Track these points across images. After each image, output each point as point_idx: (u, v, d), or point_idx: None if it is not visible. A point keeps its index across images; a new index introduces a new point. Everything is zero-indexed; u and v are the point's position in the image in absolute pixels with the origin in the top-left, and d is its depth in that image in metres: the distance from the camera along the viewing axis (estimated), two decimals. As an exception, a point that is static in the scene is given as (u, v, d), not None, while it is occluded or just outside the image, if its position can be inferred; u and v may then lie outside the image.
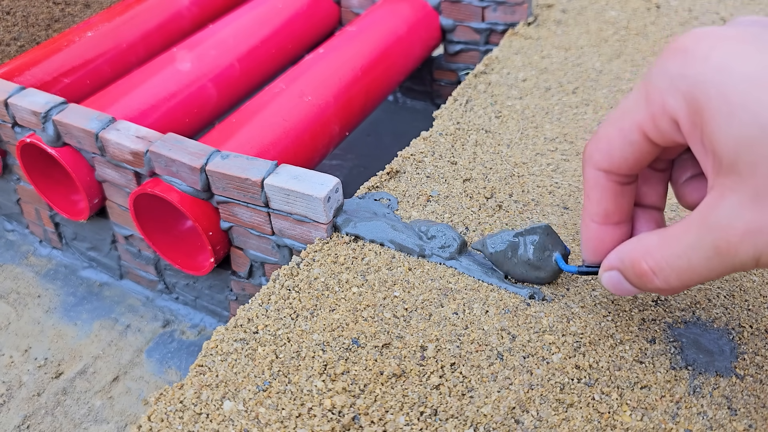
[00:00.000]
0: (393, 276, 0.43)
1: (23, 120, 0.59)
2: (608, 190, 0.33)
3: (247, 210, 0.50)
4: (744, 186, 0.25)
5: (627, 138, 0.30)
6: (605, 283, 0.34)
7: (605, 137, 0.31)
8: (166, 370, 0.60)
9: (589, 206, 0.34)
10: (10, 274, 0.70)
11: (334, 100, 0.65)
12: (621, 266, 0.32)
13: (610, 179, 0.32)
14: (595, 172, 0.32)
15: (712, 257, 0.27)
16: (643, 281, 0.31)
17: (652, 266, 0.30)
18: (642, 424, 0.34)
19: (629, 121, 0.30)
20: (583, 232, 0.35)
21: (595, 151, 0.32)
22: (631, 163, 0.31)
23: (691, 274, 0.28)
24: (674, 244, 0.29)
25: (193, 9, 0.81)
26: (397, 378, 0.37)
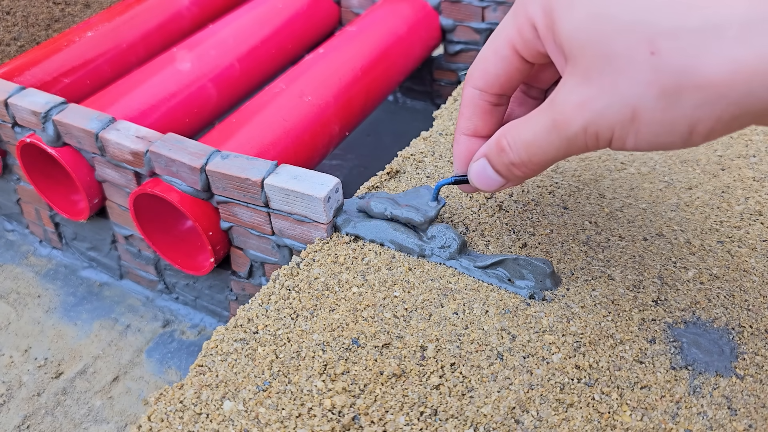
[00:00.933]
0: (393, 276, 0.43)
1: (23, 120, 0.59)
2: (480, 107, 0.37)
3: (247, 210, 0.50)
4: (577, 68, 0.29)
5: (499, 54, 0.34)
6: (472, 176, 0.37)
7: (482, 58, 0.35)
8: (166, 370, 0.60)
9: (462, 121, 0.38)
10: (10, 274, 0.70)
11: (334, 100, 0.65)
12: (486, 150, 0.35)
13: (483, 98, 0.36)
14: (472, 90, 0.36)
15: (551, 131, 0.31)
16: (501, 157, 0.34)
17: (508, 140, 0.33)
18: (642, 424, 0.34)
19: (501, 38, 0.33)
20: (455, 146, 0.39)
21: (474, 71, 0.36)
22: (503, 81, 0.35)
23: (536, 148, 0.32)
24: (527, 122, 0.32)
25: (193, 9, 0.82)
26: (397, 378, 0.37)
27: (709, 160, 0.52)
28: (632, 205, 0.48)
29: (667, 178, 0.50)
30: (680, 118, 0.27)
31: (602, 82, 0.28)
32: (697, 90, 0.26)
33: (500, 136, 0.34)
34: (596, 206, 0.48)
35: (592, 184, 0.50)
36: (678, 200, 0.48)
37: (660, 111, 0.27)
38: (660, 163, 0.52)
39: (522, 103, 0.40)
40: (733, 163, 0.51)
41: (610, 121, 0.29)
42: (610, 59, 0.28)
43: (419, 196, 0.46)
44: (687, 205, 0.48)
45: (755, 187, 0.49)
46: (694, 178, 0.50)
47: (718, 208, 0.47)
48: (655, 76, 0.27)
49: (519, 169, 0.34)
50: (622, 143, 0.29)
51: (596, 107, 0.29)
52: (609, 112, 0.28)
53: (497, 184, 0.36)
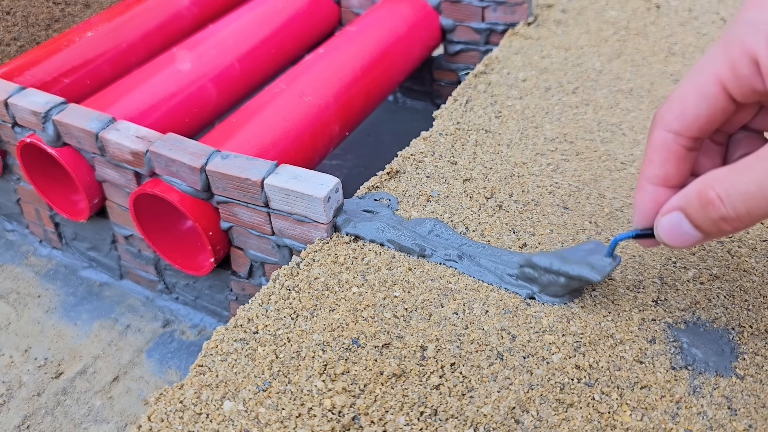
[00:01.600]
0: (393, 276, 0.43)
1: (23, 120, 0.59)
2: (673, 152, 0.33)
3: (247, 210, 0.50)
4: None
5: (703, 93, 0.30)
6: (662, 230, 0.33)
7: (678, 98, 0.31)
8: (166, 370, 0.60)
9: (650, 169, 0.34)
10: (10, 274, 0.70)
11: (334, 100, 0.65)
12: (684, 202, 0.31)
13: (678, 142, 0.32)
14: (664, 134, 0.32)
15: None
16: (708, 211, 0.30)
17: (719, 192, 0.29)
18: (642, 424, 0.34)
19: (706, 74, 0.30)
20: (637, 195, 0.35)
21: (667, 112, 0.32)
22: (703, 122, 0.31)
23: (760, 200, 0.28)
24: (743, 171, 0.28)
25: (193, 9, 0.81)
26: (397, 378, 0.37)
27: (709, 160, 0.52)
28: (632, 205, 0.48)
29: (667, 178, 0.50)
30: None
31: None
32: None
33: (705, 187, 0.30)
34: (596, 206, 0.48)
35: (592, 184, 0.50)
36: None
37: None
38: (660, 163, 0.52)
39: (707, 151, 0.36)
40: (733, 163, 0.51)
41: None
42: None
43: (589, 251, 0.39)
44: (687, 205, 0.48)
45: (755, 187, 0.49)
46: (694, 178, 0.50)
47: (718, 208, 0.47)
48: None
49: (730, 225, 0.30)
50: None
51: None
52: None
53: (693, 240, 0.32)
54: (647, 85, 0.61)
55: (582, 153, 0.53)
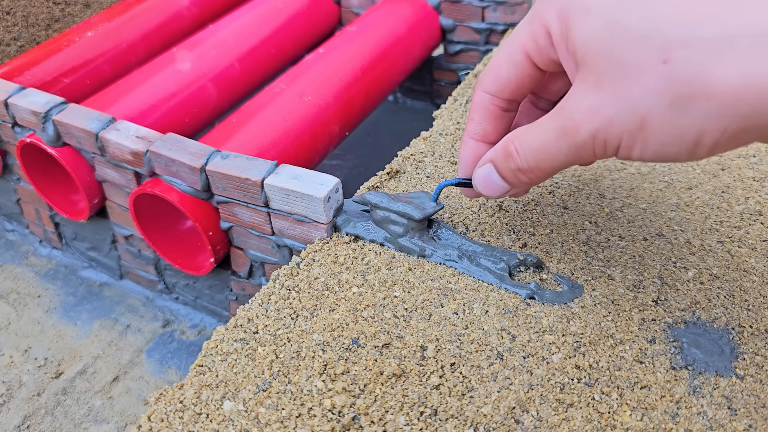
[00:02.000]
0: (393, 276, 0.43)
1: (23, 120, 0.59)
2: (490, 112, 0.37)
3: (247, 210, 0.50)
4: (589, 75, 0.29)
5: (512, 60, 0.34)
6: (477, 180, 0.37)
7: (494, 63, 0.35)
8: (166, 370, 0.60)
9: (471, 126, 0.38)
10: (10, 274, 0.70)
11: (334, 100, 0.65)
12: (493, 155, 0.35)
13: (494, 103, 0.36)
14: (482, 94, 0.36)
15: (560, 136, 0.31)
16: (508, 163, 0.34)
17: (516, 146, 0.33)
18: (642, 424, 0.34)
19: (514, 44, 0.34)
20: (461, 149, 0.39)
21: (484, 75, 0.36)
22: (514, 86, 0.35)
23: (544, 154, 0.32)
24: (534, 128, 0.32)
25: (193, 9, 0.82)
26: (397, 378, 0.37)
27: (709, 160, 0.52)
28: (632, 205, 0.48)
29: (667, 178, 0.50)
30: (688, 128, 0.27)
31: (613, 89, 0.28)
32: (706, 99, 0.26)
33: (507, 141, 0.34)
34: (596, 206, 0.48)
35: (592, 184, 0.50)
36: (678, 200, 0.48)
37: (668, 120, 0.27)
38: (660, 163, 0.52)
39: (529, 114, 0.40)
40: (733, 163, 0.51)
41: (619, 128, 0.29)
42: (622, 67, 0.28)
43: (420, 197, 0.45)
44: (687, 205, 0.48)
45: (755, 187, 0.49)
46: (694, 178, 0.50)
47: (718, 208, 0.47)
48: (665, 84, 0.27)
49: (525, 175, 0.34)
50: (629, 152, 0.29)
51: (607, 114, 0.29)
52: (619, 119, 0.28)
53: (501, 191, 0.36)
54: (647, 85, 0.61)
55: None
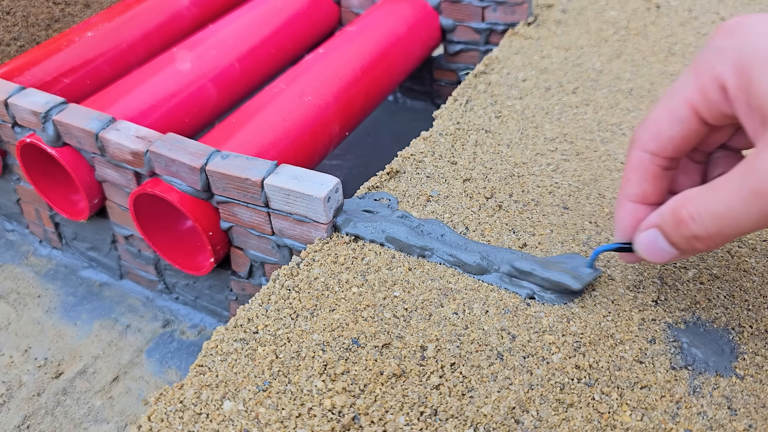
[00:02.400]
0: (393, 276, 0.43)
1: (23, 120, 0.59)
2: (650, 172, 0.34)
3: (247, 210, 0.50)
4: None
5: (676, 116, 0.32)
6: (640, 245, 0.35)
7: (654, 119, 0.33)
8: (166, 370, 0.60)
9: (629, 188, 0.35)
10: (10, 274, 0.70)
11: (334, 100, 0.65)
12: (660, 220, 0.33)
13: (654, 162, 0.34)
14: (641, 154, 0.34)
15: (750, 200, 0.28)
16: (681, 229, 0.31)
17: (691, 212, 0.31)
18: (642, 424, 0.34)
19: (678, 98, 0.31)
20: (618, 212, 0.37)
21: (644, 132, 0.34)
22: (677, 143, 0.33)
23: (729, 219, 0.29)
24: (714, 191, 0.30)
25: (193, 9, 0.81)
26: (397, 378, 0.37)
27: (709, 160, 0.52)
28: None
29: (667, 178, 0.50)
30: None
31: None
32: None
33: (678, 206, 0.32)
34: (596, 206, 0.48)
35: (592, 184, 0.50)
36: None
37: None
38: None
39: (685, 170, 0.37)
40: (733, 163, 0.51)
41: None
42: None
43: (572, 260, 0.42)
44: (687, 205, 0.48)
45: (755, 187, 0.49)
46: (694, 178, 0.50)
47: (718, 208, 0.47)
48: None
49: (702, 243, 0.31)
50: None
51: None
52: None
53: (670, 257, 0.34)
54: (647, 85, 0.61)
55: (582, 153, 0.53)
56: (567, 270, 0.40)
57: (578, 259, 0.42)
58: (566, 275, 0.40)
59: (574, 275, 0.40)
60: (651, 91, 0.60)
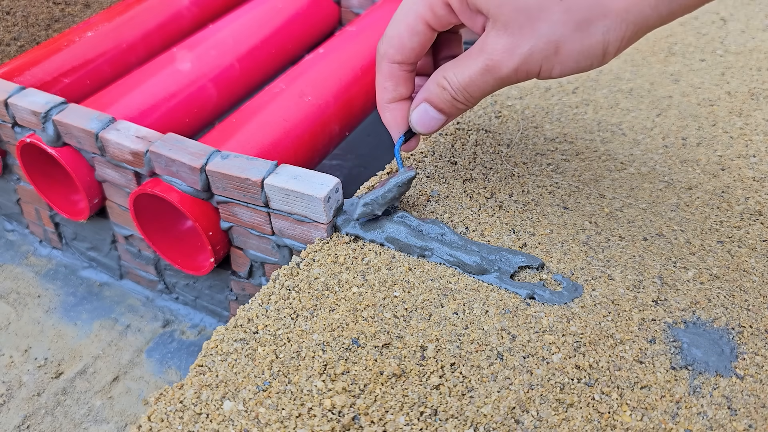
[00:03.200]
0: (393, 276, 0.43)
1: (23, 120, 0.59)
2: (401, 77, 0.42)
3: (247, 210, 0.50)
4: (498, 22, 0.35)
5: (413, 30, 0.40)
6: (415, 121, 0.42)
7: (396, 35, 0.40)
8: (166, 370, 0.60)
9: (387, 94, 0.43)
10: (10, 274, 0.70)
11: (334, 100, 0.65)
12: (426, 94, 0.41)
13: (403, 69, 0.42)
14: (390, 65, 0.42)
15: (485, 73, 0.37)
16: (444, 95, 0.40)
17: (448, 80, 0.39)
18: (642, 424, 0.34)
19: (413, 16, 0.39)
20: (385, 115, 0.44)
21: (389, 48, 0.41)
22: (418, 51, 0.41)
23: (474, 88, 0.38)
24: (460, 65, 0.39)
25: (193, 9, 0.81)
26: (397, 378, 0.37)
27: (709, 160, 0.52)
28: (632, 205, 0.48)
29: (667, 178, 0.50)
30: (595, 43, 0.35)
31: (522, 30, 0.35)
32: (604, 18, 0.34)
33: (438, 78, 0.40)
34: (596, 206, 0.48)
35: (592, 184, 0.50)
36: (678, 200, 0.48)
37: (578, 41, 0.35)
38: (660, 163, 0.52)
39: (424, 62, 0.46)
40: (733, 163, 0.51)
41: (537, 58, 0.36)
42: (525, 11, 0.34)
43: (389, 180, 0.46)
44: (687, 205, 0.48)
45: (755, 187, 0.49)
46: (694, 178, 0.50)
47: (718, 208, 0.47)
48: (568, 15, 0.34)
49: (461, 104, 0.40)
50: (549, 74, 0.36)
51: (523, 51, 0.35)
52: (535, 51, 0.35)
53: (439, 123, 0.42)
54: (647, 85, 0.61)
55: (582, 153, 0.53)
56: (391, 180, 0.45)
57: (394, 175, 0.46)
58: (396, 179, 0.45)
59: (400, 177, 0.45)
60: (651, 91, 0.60)
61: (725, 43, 0.67)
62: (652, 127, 0.56)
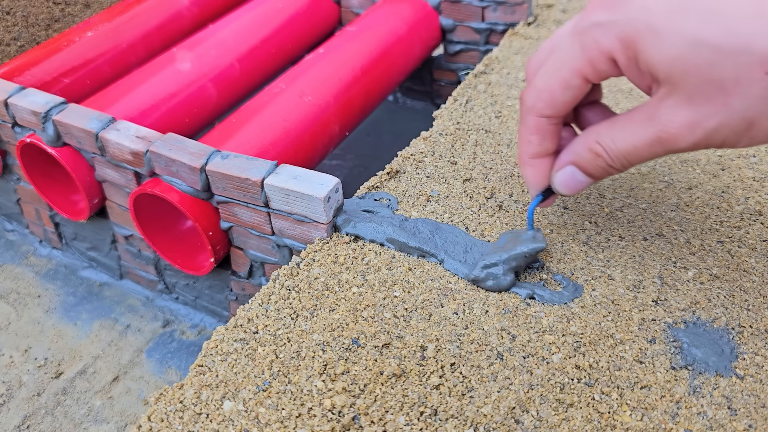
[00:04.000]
0: (393, 276, 0.43)
1: (23, 120, 0.59)
2: (549, 131, 0.39)
3: (247, 210, 0.50)
4: (679, 91, 0.32)
5: (567, 84, 0.36)
6: (559, 183, 0.39)
7: (546, 89, 0.37)
8: (166, 370, 0.60)
9: (531, 148, 0.40)
10: (10, 274, 0.70)
11: (334, 100, 0.65)
12: (576, 157, 0.38)
13: (550, 123, 0.38)
14: (538, 119, 0.38)
15: (655, 143, 0.34)
16: (597, 162, 0.37)
17: (604, 146, 0.36)
18: (642, 424, 0.34)
19: (568, 69, 0.36)
20: (527, 171, 0.41)
21: (538, 101, 0.38)
22: (570, 104, 0.37)
23: (636, 157, 0.35)
24: (621, 130, 0.35)
25: (193, 9, 0.81)
26: (397, 378, 0.37)
27: (709, 160, 0.52)
28: (632, 205, 0.48)
29: (667, 178, 0.50)
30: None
31: (711, 103, 0.31)
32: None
33: (591, 143, 0.37)
34: (596, 206, 0.48)
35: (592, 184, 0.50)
36: (678, 200, 0.48)
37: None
38: (660, 163, 0.52)
39: None
40: (733, 163, 0.51)
41: (723, 134, 0.32)
42: (718, 84, 0.31)
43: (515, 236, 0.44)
44: (687, 205, 0.48)
45: (755, 187, 0.49)
46: (694, 178, 0.50)
47: (718, 208, 0.47)
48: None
49: (614, 171, 0.37)
50: (732, 146, 0.33)
51: (709, 126, 0.32)
52: (724, 127, 0.32)
53: (585, 185, 0.39)
54: (647, 85, 0.61)
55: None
56: (520, 242, 0.42)
57: (519, 231, 0.44)
58: (526, 245, 0.42)
59: (530, 241, 0.42)
60: (651, 91, 0.60)
61: (725, 43, 0.67)
62: (652, 127, 0.56)
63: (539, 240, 0.42)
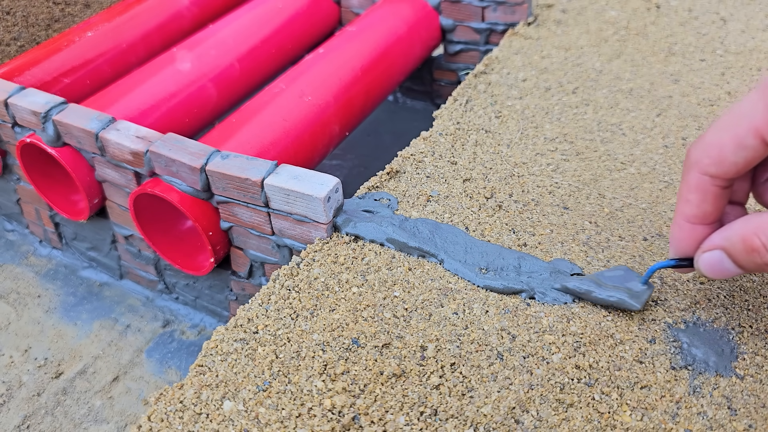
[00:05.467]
0: (393, 276, 0.43)
1: (23, 120, 0.59)
2: (711, 193, 0.34)
3: (247, 210, 0.50)
4: None
5: (742, 143, 0.32)
6: (703, 265, 0.35)
7: (716, 144, 0.33)
8: (166, 370, 0.60)
9: (687, 208, 0.35)
10: (10, 274, 0.70)
11: (334, 100, 0.65)
12: (728, 244, 0.33)
13: (715, 183, 0.34)
14: (700, 176, 0.34)
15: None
16: (752, 257, 0.32)
17: (764, 241, 0.31)
18: (642, 424, 0.34)
19: (745, 126, 0.31)
20: (675, 230, 0.36)
21: (704, 156, 0.33)
22: (740, 167, 0.33)
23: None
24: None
25: (193, 9, 0.81)
26: (397, 378, 0.37)
27: (709, 160, 0.52)
28: (632, 205, 0.48)
29: (667, 178, 0.50)
30: None
31: None
32: None
33: (750, 234, 0.32)
34: (596, 206, 0.48)
35: (592, 184, 0.50)
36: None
37: None
38: (660, 163, 0.52)
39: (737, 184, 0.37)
40: (733, 163, 0.51)
41: None
42: None
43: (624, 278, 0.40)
44: (687, 205, 0.48)
45: (755, 187, 0.49)
46: (694, 178, 0.50)
47: (718, 208, 0.47)
48: None
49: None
50: None
51: None
52: None
53: (733, 274, 0.35)
54: (647, 85, 0.61)
55: (582, 153, 0.53)
56: (621, 287, 0.39)
57: (630, 274, 0.40)
58: (624, 294, 0.39)
59: (631, 293, 0.39)
60: (651, 91, 0.60)
61: (725, 43, 0.67)
62: (652, 127, 0.56)
63: (637, 298, 0.39)
